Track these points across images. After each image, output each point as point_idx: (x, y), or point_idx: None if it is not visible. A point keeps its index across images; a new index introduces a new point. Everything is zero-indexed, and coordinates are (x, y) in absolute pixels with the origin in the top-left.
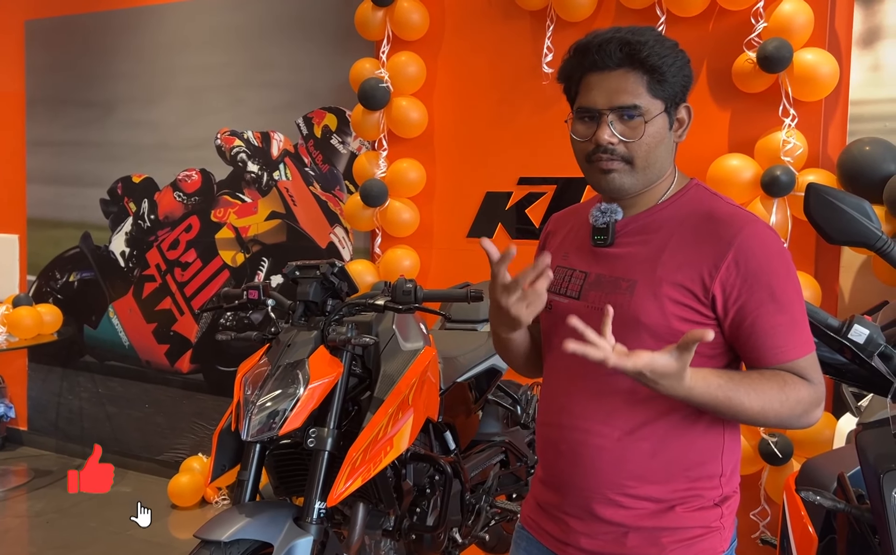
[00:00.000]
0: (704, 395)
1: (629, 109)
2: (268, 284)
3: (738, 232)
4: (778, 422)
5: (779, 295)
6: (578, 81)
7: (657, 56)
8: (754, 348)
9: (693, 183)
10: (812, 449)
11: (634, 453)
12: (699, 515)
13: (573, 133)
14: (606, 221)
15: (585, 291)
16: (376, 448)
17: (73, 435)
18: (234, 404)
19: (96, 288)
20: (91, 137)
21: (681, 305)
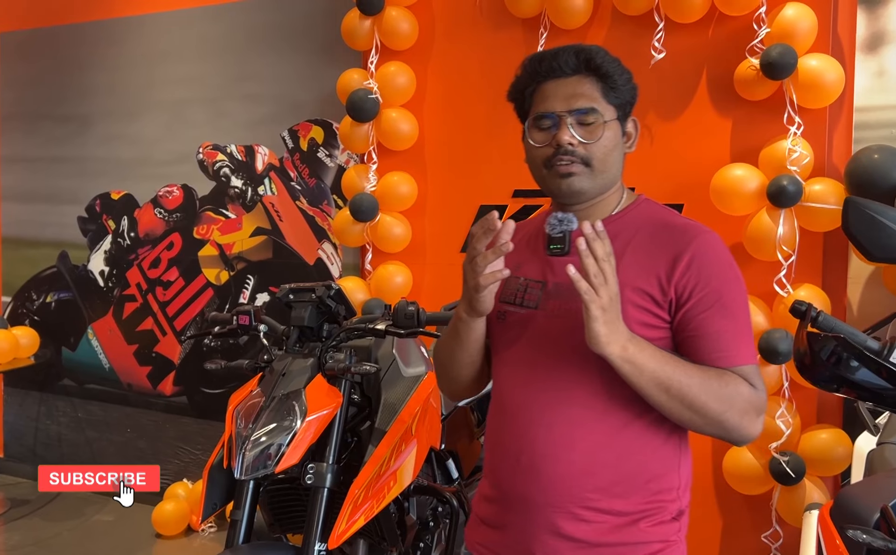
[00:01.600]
0: (646, 362)
1: (587, 112)
2: (259, 309)
3: (693, 238)
4: (718, 414)
5: (727, 301)
6: (532, 93)
7: (609, 64)
8: (698, 350)
9: (643, 197)
10: (825, 468)
11: (598, 465)
12: (660, 529)
13: (531, 140)
14: (563, 230)
15: (544, 300)
16: (379, 484)
17: (51, 461)
18: (226, 439)
19: (75, 309)
20: (68, 153)
21: (640, 309)
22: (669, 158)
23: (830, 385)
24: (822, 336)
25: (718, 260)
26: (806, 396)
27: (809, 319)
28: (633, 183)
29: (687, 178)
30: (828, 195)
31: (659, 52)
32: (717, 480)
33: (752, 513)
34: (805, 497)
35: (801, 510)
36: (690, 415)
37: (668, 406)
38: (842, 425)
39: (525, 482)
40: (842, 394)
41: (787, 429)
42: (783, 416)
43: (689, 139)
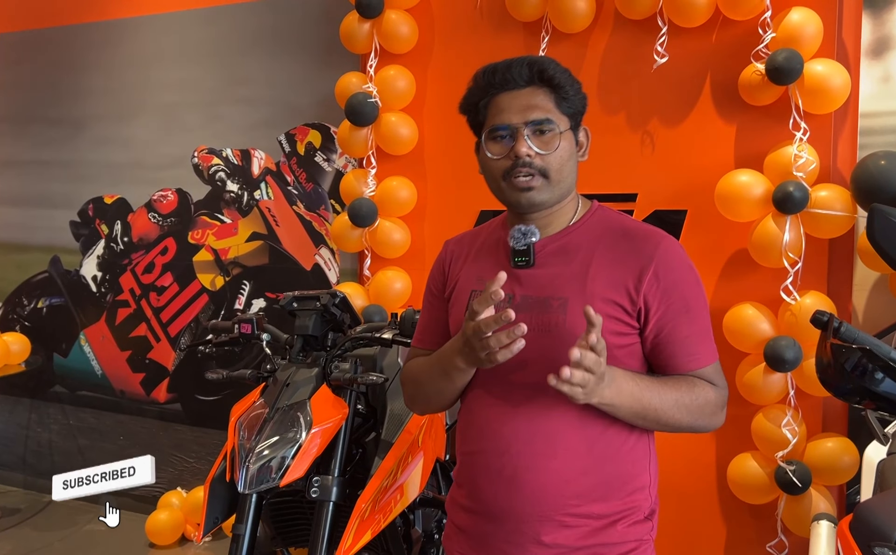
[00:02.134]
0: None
1: (543, 123)
2: (262, 317)
3: (656, 246)
4: (690, 423)
5: (692, 306)
6: (486, 106)
7: (561, 75)
8: (671, 356)
9: (596, 204)
10: (831, 477)
11: (578, 472)
12: (634, 529)
13: (487, 152)
14: (527, 243)
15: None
16: (386, 498)
17: (42, 470)
18: (228, 451)
19: (66, 315)
20: (60, 157)
21: (612, 319)
22: (672, 164)
23: (853, 397)
24: (847, 348)
25: (682, 266)
26: (811, 405)
27: (832, 329)
28: (636, 189)
29: (690, 183)
30: (834, 201)
31: (662, 56)
32: (721, 489)
33: (756, 522)
34: (811, 507)
35: (806, 520)
36: (664, 428)
37: (644, 426)
38: (847, 433)
39: (508, 495)
40: (863, 406)
41: (794, 438)
42: (789, 424)
43: (692, 144)
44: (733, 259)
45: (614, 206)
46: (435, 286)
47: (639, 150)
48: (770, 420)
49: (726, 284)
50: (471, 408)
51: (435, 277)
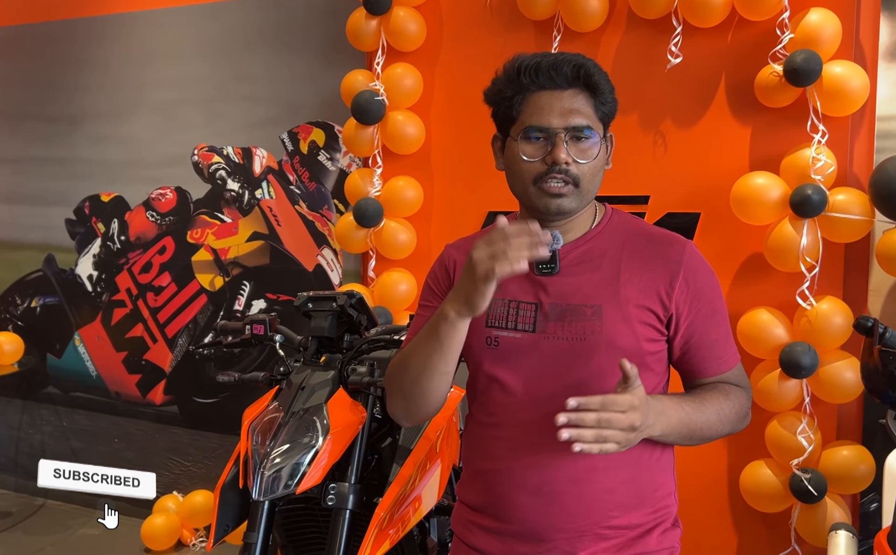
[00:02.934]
0: (672, 427)
1: (583, 130)
2: (275, 318)
3: (682, 251)
4: (729, 430)
5: (717, 309)
6: (522, 102)
7: (603, 79)
8: (702, 360)
9: (610, 208)
10: (846, 485)
11: (618, 483)
12: (667, 536)
13: (522, 154)
14: (552, 249)
15: (541, 322)
16: (404, 507)
17: (34, 473)
18: (241, 456)
19: (61, 314)
20: (55, 154)
21: (646, 326)
22: (686, 166)
23: None
24: (895, 354)
25: (706, 270)
26: (826, 412)
27: (877, 335)
28: (649, 191)
29: (704, 186)
30: (851, 205)
31: (676, 56)
32: (732, 496)
33: (769, 532)
34: (826, 516)
35: (821, 529)
36: (705, 441)
37: (688, 444)
38: (861, 440)
39: (549, 513)
40: None
41: (809, 446)
42: (804, 432)
43: (706, 146)
44: (748, 263)
45: (626, 208)
46: (437, 287)
47: (651, 151)
48: (785, 427)
49: (741, 288)
50: (496, 425)
51: (438, 278)
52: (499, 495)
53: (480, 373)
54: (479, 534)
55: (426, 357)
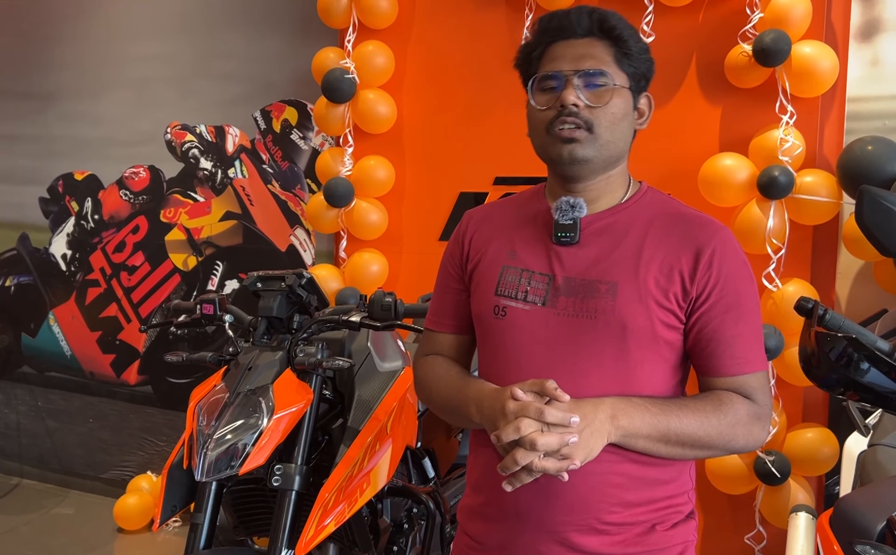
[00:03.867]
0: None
1: (596, 75)
2: (224, 298)
3: (713, 235)
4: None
5: (744, 303)
6: (540, 56)
7: (624, 29)
8: (713, 355)
9: (646, 185)
10: (810, 467)
11: (620, 474)
12: (678, 531)
13: (533, 101)
14: (574, 217)
15: (552, 296)
16: (352, 486)
17: (9, 452)
18: (186, 437)
19: (35, 293)
20: (29, 131)
21: (663, 309)
22: (656, 146)
23: (837, 387)
24: (832, 336)
25: (737, 259)
26: (792, 394)
27: (816, 317)
28: None
29: (674, 167)
30: (819, 187)
31: (647, 35)
32: (699, 478)
33: (734, 513)
34: (790, 498)
35: (785, 511)
36: (695, 454)
37: (670, 455)
38: (827, 423)
39: (544, 503)
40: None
41: (773, 428)
42: None
43: (676, 127)
44: None
45: None
46: (452, 265)
47: None
48: None
49: None
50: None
51: (452, 254)
52: (498, 480)
53: (487, 343)
54: (478, 523)
55: (450, 414)
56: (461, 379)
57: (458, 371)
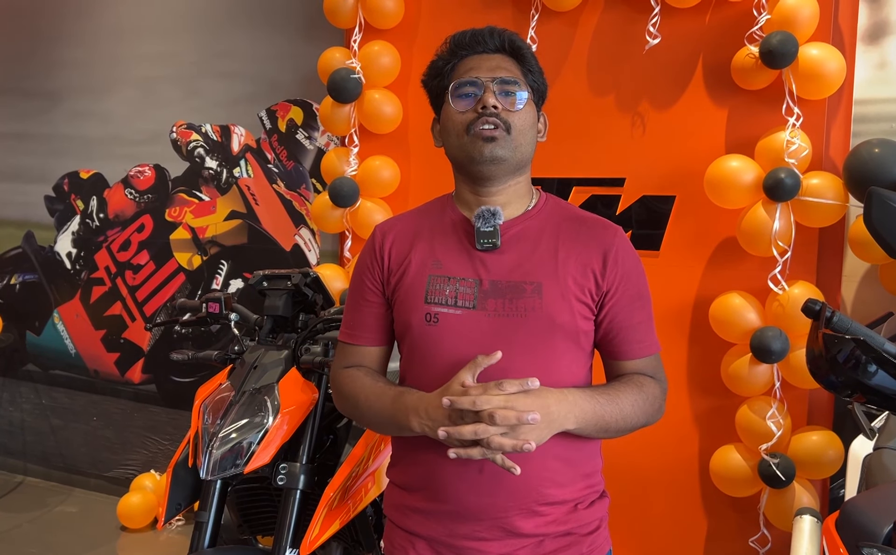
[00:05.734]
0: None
1: (511, 83)
2: (230, 296)
3: (613, 235)
4: (644, 422)
5: (643, 293)
6: (453, 69)
7: (527, 50)
8: (623, 342)
9: (545, 194)
10: (815, 470)
11: (553, 459)
12: (594, 509)
13: (452, 105)
14: (494, 224)
15: (481, 298)
16: (356, 486)
17: (13, 450)
18: (192, 435)
19: (40, 292)
20: (35, 130)
21: (582, 304)
22: (662, 148)
23: (844, 390)
24: (840, 338)
25: (633, 255)
26: (797, 397)
27: (824, 319)
28: (625, 173)
29: (679, 168)
30: (825, 190)
31: (654, 37)
32: (703, 481)
33: (739, 516)
34: (794, 501)
35: (789, 514)
36: (622, 433)
37: (604, 437)
38: (832, 426)
39: (489, 492)
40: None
41: (778, 430)
42: (774, 417)
43: (682, 128)
44: (721, 247)
45: (602, 191)
46: (370, 278)
47: (628, 133)
48: (755, 412)
49: (713, 272)
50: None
51: (369, 267)
52: (437, 475)
53: (416, 351)
54: (415, 517)
55: (380, 426)
56: (391, 389)
57: (384, 382)
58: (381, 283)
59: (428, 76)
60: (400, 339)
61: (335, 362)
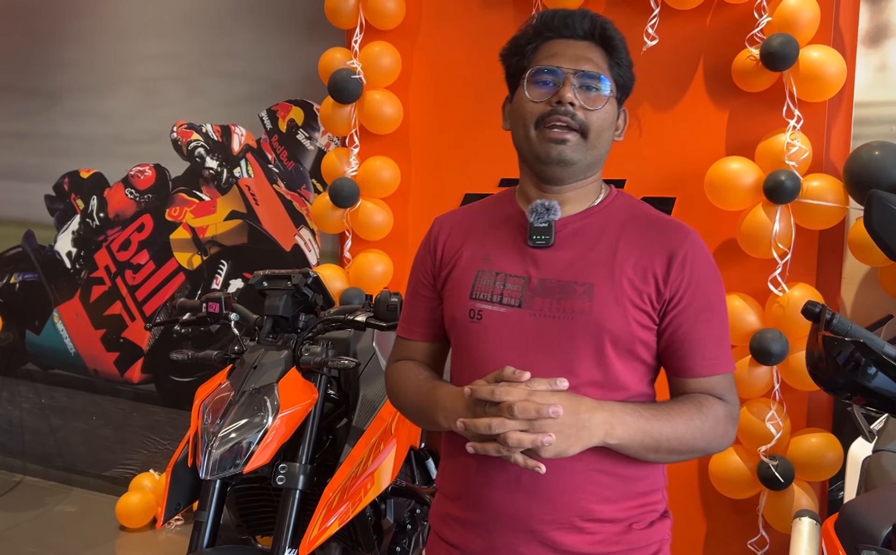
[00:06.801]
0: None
1: (594, 78)
2: (230, 296)
3: (684, 238)
4: (704, 446)
5: (715, 305)
6: (535, 50)
7: (620, 39)
8: (686, 356)
9: (616, 190)
10: (814, 473)
11: (599, 473)
12: (653, 530)
13: (527, 92)
14: (549, 219)
15: (528, 297)
16: (356, 486)
17: (13, 449)
18: (191, 435)
19: (40, 291)
20: (35, 129)
21: (639, 310)
22: (662, 150)
23: (844, 392)
24: (840, 340)
25: (708, 262)
26: (796, 399)
27: (824, 321)
28: (624, 174)
29: (680, 170)
30: (825, 192)
31: (653, 38)
32: (702, 483)
33: (738, 518)
34: (793, 503)
35: (788, 516)
36: (679, 458)
37: (657, 459)
38: (831, 428)
39: (526, 501)
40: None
41: (777, 432)
42: (773, 419)
43: (682, 130)
44: (721, 249)
45: None
46: (423, 272)
47: (628, 134)
48: (754, 414)
49: None
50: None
51: (422, 261)
52: (473, 481)
53: (461, 348)
54: (456, 528)
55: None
56: (429, 382)
57: (426, 375)
58: (433, 277)
59: (507, 52)
60: (448, 335)
61: (390, 355)
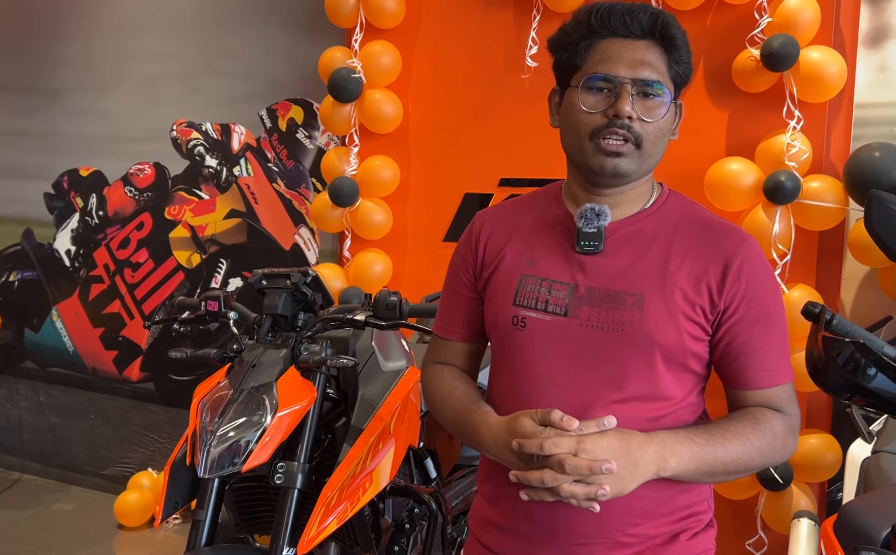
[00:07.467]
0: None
1: (654, 86)
2: (229, 295)
3: (739, 244)
4: (762, 463)
5: (772, 314)
6: (589, 48)
7: (681, 36)
8: (742, 368)
9: (668, 189)
10: (813, 474)
11: (642, 488)
12: (698, 541)
13: (581, 103)
14: (598, 225)
15: (574, 306)
16: (354, 485)
17: (11, 447)
18: (189, 433)
19: (39, 289)
20: (34, 127)
21: (691, 322)
22: None
23: (844, 393)
24: (839, 341)
25: (764, 268)
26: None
27: (823, 322)
28: None
29: (680, 170)
30: (825, 193)
31: None
32: None
33: (736, 519)
34: (792, 504)
35: (787, 517)
36: (737, 477)
37: (714, 481)
38: (830, 429)
39: (566, 517)
40: (852, 402)
41: None
42: None
43: (683, 130)
44: None
45: None
46: (463, 270)
47: None
48: None
49: None
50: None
51: (463, 258)
52: (514, 490)
53: (504, 355)
54: (493, 533)
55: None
56: (466, 403)
57: (463, 390)
58: (474, 275)
59: (557, 44)
60: (488, 336)
61: (427, 353)
